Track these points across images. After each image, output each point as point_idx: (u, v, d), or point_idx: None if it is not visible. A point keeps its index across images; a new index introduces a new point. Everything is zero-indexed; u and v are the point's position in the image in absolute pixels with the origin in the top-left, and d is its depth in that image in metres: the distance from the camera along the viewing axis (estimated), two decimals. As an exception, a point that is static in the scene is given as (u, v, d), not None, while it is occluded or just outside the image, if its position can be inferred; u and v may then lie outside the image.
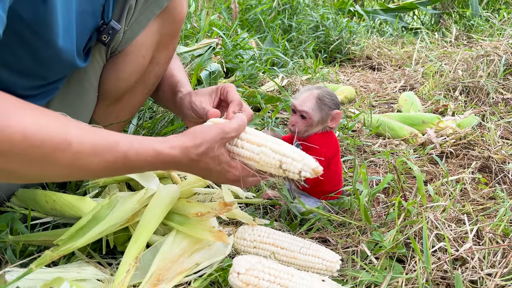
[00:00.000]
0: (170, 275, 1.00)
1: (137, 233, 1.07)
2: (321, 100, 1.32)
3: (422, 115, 2.19)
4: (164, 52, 1.39)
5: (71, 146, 0.81)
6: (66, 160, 0.82)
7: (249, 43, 3.25)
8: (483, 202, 1.49)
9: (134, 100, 1.42)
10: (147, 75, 1.38)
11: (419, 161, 1.83)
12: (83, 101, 1.30)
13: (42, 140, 0.78)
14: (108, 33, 1.20)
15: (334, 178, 1.38)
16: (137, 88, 1.38)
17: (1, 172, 0.82)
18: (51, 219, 1.19)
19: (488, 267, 1.09)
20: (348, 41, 4.03)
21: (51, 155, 0.80)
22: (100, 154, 0.87)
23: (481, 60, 2.80)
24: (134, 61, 1.31)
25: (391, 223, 1.30)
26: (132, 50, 1.30)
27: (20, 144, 0.75)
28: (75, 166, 0.85)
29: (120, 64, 1.31)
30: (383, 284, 1.04)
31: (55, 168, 0.84)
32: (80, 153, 0.83)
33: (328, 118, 1.33)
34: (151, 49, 1.33)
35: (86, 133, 0.86)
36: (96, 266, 1.07)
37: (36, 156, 0.79)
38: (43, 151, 0.78)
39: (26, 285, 0.98)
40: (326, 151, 1.31)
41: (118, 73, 1.32)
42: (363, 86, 3.08)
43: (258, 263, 1.01)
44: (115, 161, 0.90)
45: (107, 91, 1.35)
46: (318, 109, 1.31)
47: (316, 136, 1.34)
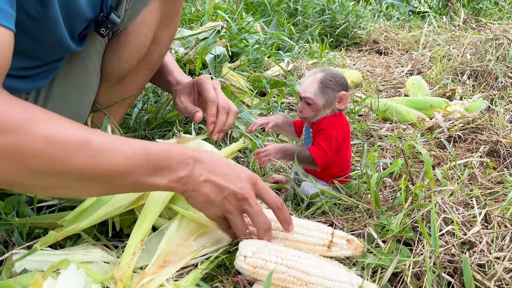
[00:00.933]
0: (176, 257, 1.00)
1: (142, 216, 1.06)
2: (323, 83, 1.28)
3: (430, 99, 2.17)
4: (166, 31, 1.37)
5: (90, 144, 0.83)
6: (85, 159, 0.83)
7: (254, 27, 3.22)
8: (491, 186, 1.48)
9: (137, 81, 1.41)
10: (149, 55, 1.36)
11: (426, 145, 1.81)
12: (86, 82, 1.29)
13: (63, 140, 0.80)
14: (107, 27, 1.19)
15: (344, 162, 1.37)
16: (140, 68, 1.37)
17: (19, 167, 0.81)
18: (57, 201, 1.19)
19: (496, 250, 1.08)
20: (354, 25, 3.98)
21: (67, 159, 0.81)
22: (119, 148, 0.88)
23: (490, 44, 2.76)
24: (136, 40, 1.30)
25: (398, 207, 1.29)
26: (133, 29, 1.28)
27: (43, 147, 0.78)
28: (94, 164, 0.85)
29: (122, 44, 1.30)
30: (389, 267, 1.03)
31: (70, 172, 0.84)
32: (100, 149, 0.84)
33: (334, 100, 1.30)
34: (153, 28, 1.31)
35: (104, 134, 0.90)
36: (102, 248, 1.07)
37: (57, 159, 0.81)
38: (61, 153, 0.81)
39: (33, 266, 0.99)
40: (337, 134, 1.30)
41: (120, 53, 1.31)
42: (369, 71, 3.05)
43: (265, 246, 1.00)
44: (136, 153, 0.89)
45: (109, 71, 1.33)
46: (322, 93, 1.29)
47: (326, 119, 1.32)
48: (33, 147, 0.78)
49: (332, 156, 1.30)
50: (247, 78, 2.45)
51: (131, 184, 0.91)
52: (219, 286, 1.00)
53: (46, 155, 0.79)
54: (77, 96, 1.29)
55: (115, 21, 1.19)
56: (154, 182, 0.92)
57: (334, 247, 1.07)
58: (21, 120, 0.77)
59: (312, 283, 0.96)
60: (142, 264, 1.02)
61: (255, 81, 2.45)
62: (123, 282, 0.93)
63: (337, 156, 1.32)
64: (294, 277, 0.97)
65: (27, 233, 1.10)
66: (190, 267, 1.05)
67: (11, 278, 0.96)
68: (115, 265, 0.99)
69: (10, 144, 0.76)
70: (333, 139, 1.29)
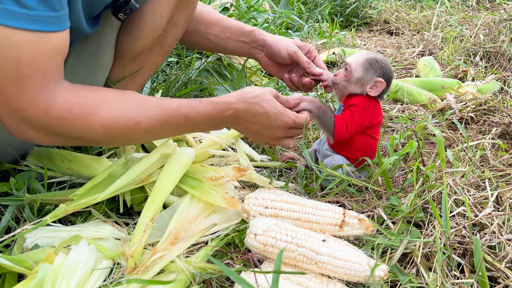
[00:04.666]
0: (187, 234, 1.01)
1: (153, 194, 1.07)
2: (369, 62, 1.29)
3: (442, 80, 2.13)
4: (183, 12, 1.35)
5: (140, 125, 1.01)
6: (139, 135, 1.05)
7: (263, 5, 3.17)
8: (503, 169, 1.46)
9: (151, 61, 1.39)
10: (164, 36, 1.35)
11: (438, 126, 1.79)
12: (100, 59, 1.28)
13: (118, 127, 0.99)
14: (125, 12, 1.19)
15: (365, 147, 1.33)
16: (154, 48, 1.35)
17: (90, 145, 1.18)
18: (68, 178, 1.20)
19: (508, 232, 1.08)
20: (365, 5, 3.91)
21: (126, 136, 1.03)
22: (166, 123, 1.05)
23: (504, 25, 2.70)
24: (151, 20, 1.28)
25: (408, 188, 1.28)
26: (149, 8, 1.26)
27: (104, 133, 0.98)
28: (147, 136, 1.09)
29: (137, 23, 1.28)
30: (399, 248, 1.03)
31: (135, 140, 1.12)
32: (149, 127, 1.02)
33: (369, 82, 1.28)
34: (169, 8, 1.29)
35: (151, 109, 1.03)
36: (113, 225, 1.08)
37: (119, 137, 1.03)
38: (120, 135, 1.01)
39: (44, 242, 1.00)
40: (362, 114, 1.28)
41: (135, 31, 1.29)
42: (380, 51, 3.00)
43: (275, 225, 1.00)
44: (179, 123, 1.07)
45: (123, 50, 1.32)
46: (362, 67, 1.29)
47: (359, 98, 1.30)
48: (96, 136, 0.98)
49: (350, 133, 1.28)
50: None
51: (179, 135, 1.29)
52: (229, 263, 1.00)
53: (107, 138, 1.02)
54: (90, 74, 1.28)
55: (134, 7, 1.19)
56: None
57: (346, 226, 1.07)
58: (81, 113, 0.95)
59: (322, 262, 0.96)
60: (153, 240, 1.03)
61: (264, 61, 2.42)
62: (134, 258, 0.93)
63: (363, 139, 1.32)
64: (304, 256, 0.97)
65: (38, 209, 1.11)
66: (201, 244, 1.06)
67: (22, 253, 0.97)
68: (126, 241, 0.99)
69: (78, 135, 0.97)
70: (357, 116, 1.27)
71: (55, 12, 0.87)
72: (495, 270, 1.01)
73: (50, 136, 0.97)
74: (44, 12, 0.85)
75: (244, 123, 1.17)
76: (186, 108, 1.07)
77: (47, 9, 0.86)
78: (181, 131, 1.13)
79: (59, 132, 0.96)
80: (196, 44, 1.68)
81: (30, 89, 0.89)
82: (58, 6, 0.87)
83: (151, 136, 1.10)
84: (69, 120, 0.94)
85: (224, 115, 1.12)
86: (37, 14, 0.85)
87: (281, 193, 1.17)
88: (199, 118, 1.09)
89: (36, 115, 0.91)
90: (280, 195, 1.15)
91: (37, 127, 0.93)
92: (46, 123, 0.93)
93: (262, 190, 1.17)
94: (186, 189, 1.13)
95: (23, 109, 0.90)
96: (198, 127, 1.14)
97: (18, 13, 0.82)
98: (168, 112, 1.05)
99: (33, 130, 0.94)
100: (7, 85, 0.87)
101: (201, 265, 0.95)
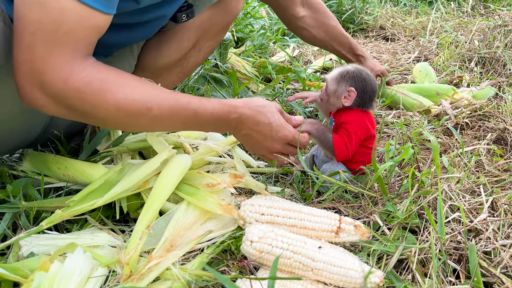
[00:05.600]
0: (183, 241, 1.01)
1: (150, 201, 1.07)
2: (341, 74, 1.33)
3: (437, 86, 2.14)
4: (209, 42, 1.43)
5: (151, 111, 1.02)
6: (146, 122, 1.05)
7: (259, 12, 3.18)
8: (498, 174, 1.47)
9: (168, 80, 1.46)
10: (186, 59, 1.41)
11: (433, 132, 1.80)
12: (121, 66, 1.30)
13: (130, 110, 0.99)
14: (187, 15, 1.24)
15: (363, 158, 1.34)
16: (174, 68, 1.42)
17: (96, 122, 1.14)
18: (64, 184, 1.20)
19: (503, 238, 1.08)
20: (361, 11, 3.93)
21: (135, 120, 1.03)
22: (175, 114, 1.06)
23: (498, 31, 2.72)
24: (179, 41, 1.36)
25: (404, 194, 1.29)
26: (179, 31, 1.34)
27: (114, 113, 0.99)
28: (154, 124, 1.09)
29: (165, 41, 1.36)
30: (395, 254, 1.03)
31: (141, 126, 1.10)
32: (159, 115, 1.04)
33: (343, 93, 1.32)
34: (197, 35, 1.37)
35: (164, 99, 1.05)
36: (109, 232, 1.08)
37: (127, 121, 1.03)
38: (129, 118, 1.01)
39: (40, 250, 1.00)
40: (358, 129, 1.30)
41: (162, 48, 1.36)
42: (376, 57, 3.02)
43: (271, 232, 1.00)
44: (187, 117, 1.08)
45: (145, 63, 1.39)
46: (335, 81, 1.33)
47: (348, 114, 1.33)
48: (106, 114, 0.99)
49: (352, 152, 1.31)
50: (253, 64, 2.44)
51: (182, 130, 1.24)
52: (225, 270, 1.00)
53: (115, 120, 1.02)
54: None
55: (194, 13, 1.24)
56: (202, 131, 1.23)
57: (342, 232, 1.08)
58: (98, 89, 0.95)
59: (318, 268, 0.96)
60: (148, 247, 1.02)
61: (260, 67, 2.43)
62: (130, 265, 0.93)
63: (364, 151, 1.34)
64: (300, 263, 0.97)
65: (34, 217, 1.11)
66: (196, 252, 1.06)
67: (18, 262, 0.97)
68: (121, 249, 0.99)
69: (89, 110, 0.97)
70: (353, 133, 1.30)
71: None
72: (490, 275, 1.01)
73: (60, 106, 0.97)
74: None
75: (246, 130, 1.18)
76: (196, 104, 1.09)
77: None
78: (187, 126, 1.13)
79: (71, 104, 0.96)
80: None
81: (58, 56, 0.91)
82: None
83: (157, 125, 1.10)
84: (85, 94, 0.94)
85: (230, 117, 1.14)
86: None
87: (277, 199, 1.18)
88: (207, 116, 1.11)
89: (55, 81, 0.92)
90: (276, 201, 1.15)
91: (51, 94, 0.94)
92: (62, 92, 0.93)
93: (258, 197, 1.17)
94: (182, 196, 1.14)
95: (44, 73, 0.91)
96: (204, 125, 1.15)
97: None
98: (179, 104, 1.07)
99: (46, 96, 0.94)
100: (39, 45, 0.89)
101: (196, 272, 0.95)
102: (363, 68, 1.36)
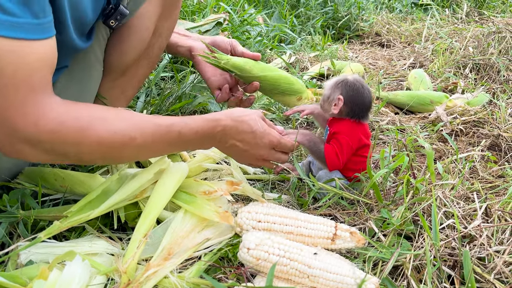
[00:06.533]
0: (181, 249, 1.02)
1: (147, 209, 1.08)
2: (337, 82, 1.35)
3: (430, 94, 2.15)
4: (167, 23, 1.38)
5: (135, 141, 1.01)
6: (131, 151, 1.05)
7: (256, 19, 3.20)
8: (492, 180, 1.48)
9: (139, 73, 1.42)
10: (150, 47, 1.37)
11: (428, 139, 1.82)
12: (90, 75, 1.29)
13: (113, 142, 0.98)
14: (116, 19, 1.20)
15: (357, 166, 1.35)
16: (142, 60, 1.38)
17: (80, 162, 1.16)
18: (61, 195, 1.20)
19: (497, 244, 1.09)
20: (357, 17, 3.96)
21: (119, 152, 1.03)
22: (160, 139, 1.06)
23: (492, 37, 2.74)
24: (138, 34, 1.30)
25: (399, 201, 1.30)
26: (135, 23, 1.29)
27: (97, 149, 0.97)
28: (140, 153, 1.09)
29: (124, 37, 1.30)
30: (390, 261, 1.04)
31: (126, 157, 1.11)
32: (144, 143, 1.03)
33: (333, 101, 1.33)
34: (154, 21, 1.32)
35: (146, 126, 1.04)
36: (107, 240, 1.09)
37: (112, 154, 1.03)
38: (114, 150, 1.00)
39: (38, 258, 1.00)
40: (350, 139, 1.31)
41: (122, 46, 1.31)
42: (372, 63, 3.04)
43: (268, 239, 1.01)
44: (172, 139, 1.08)
45: (112, 64, 1.34)
46: (330, 88, 1.35)
47: (340, 124, 1.34)
48: (89, 150, 0.97)
49: (343, 162, 1.32)
50: (249, 71, 2.44)
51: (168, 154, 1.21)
52: (222, 278, 1.01)
53: (100, 153, 1.00)
54: (81, 89, 1.29)
55: (124, 12, 1.20)
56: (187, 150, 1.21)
57: (338, 239, 1.09)
58: (75, 127, 0.93)
59: (314, 275, 0.97)
60: (146, 256, 1.03)
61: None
62: (128, 274, 0.94)
63: (358, 160, 1.35)
64: (297, 270, 0.98)
65: (31, 225, 1.11)
66: (194, 259, 1.07)
67: (16, 270, 0.97)
68: (119, 257, 1.00)
69: (70, 150, 0.95)
70: (344, 143, 1.31)
71: (37, 20, 0.85)
72: (485, 281, 1.02)
73: (41, 152, 0.93)
74: (27, 19, 0.83)
75: (231, 140, 1.18)
76: (180, 125, 1.08)
77: (30, 16, 0.83)
78: (173, 148, 1.14)
79: (50, 147, 0.93)
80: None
81: (16, 99, 0.86)
82: (40, 14, 0.85)
83: (143, 152, 1.09)
84: (62, 133, 0.91)
85: (214, 132, 1.14)
86: (19, 21, 0.82)
87: (274, 206, 1.19)
88: (192, 135, 1.10)
89: (24, 127, 0.88)
90: (273, 208, 1.16)
91: (27, 141, 0.90)
92: (36, 137, 0.90)
93: (255, 204, 1.18)
94: (179, 204, 1.14)
95: (11, 120, 0.87)
96: (189, 144, 1.15)
97: (1, 20, 0.79)
98: (162, 128, 1.06)
99: (23, 144, 0.91)
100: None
101: (194, 280, 0.96)
102: (361, 80, 1.37)
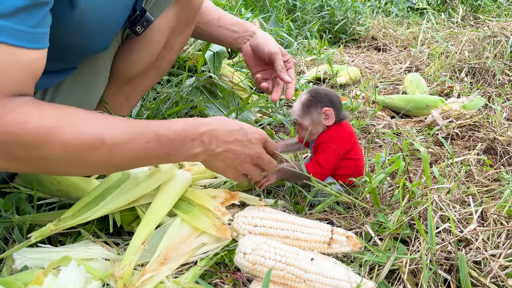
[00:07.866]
0: (177, 254, 1.01)
1: (148, 217, 1.07)
2: (305, 104, 1.32)
3: (426, 99, 2.16)
4: (179, 38, 1.40)
5: (104, 143, 0.90)
6: (101, 157, 0.91)
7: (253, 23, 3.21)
8: (488, 184, 1.49)
9: (145, 83, 1.44)
10: (160, 59, 1.39)
11: (424, 142, 1.82)
12: (96, 80, 1.30)
13: (79, 144, 0.88)
14: (142, 25, 1.21)
15: (355, 169, 1.35)
16: (149, 71, 1.39)
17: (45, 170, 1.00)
18: (57, 199, 1.20)
19: (492, 248, 1.09)
20: (353, 22, 3.98)
21: (87, 157, 0.90)
22: (134, 140, 0.94)
23: (487, 41, 2.76)
24: (149, 45, 1.32)
25: (395, 205, 1.30)
26: (147, 34, 1.30)
27: (62, 151, 0.87)
28: (111, 158, 0.94)
29: (135, 47, 1.32)
30: (386, 265, 1.04)
31: (96, 164, 0.95)
32: (115, 145, 0.91)
33: (320, 117, 1.31)
34: (166, 34, 1.34)
35: (118, 126, 0.94)
36: (102, 245, 1.08)
37: (78, 159, 0.90)
38: (80, 154, 0.89)
39: (33, 263, 1.00)
40: (337, 145, 1.30)
41: (132, 55, 1.33)
42: (368, 67, 3.05)
43: (264, 244, 1.01)
44: (149, 141, 0.96)
45: (119, 72, 1.36)
46: (305, 113, 1.32)
47: (325, 133, 1.33)
48: (52, 154, 0.86)
49: (329, 169, 1.31)
50: (246, 75, 2.45)
51: (149, 164, 1.08)
52: (218, 283, 1.01)
53: (65, 158, 0.88)
54: (85, 94, 1.30)
55: (150, 19, 1.21)
56: (171, 162, 1.05)
57: (334, 243, 1.09)
58: (37, 128, 0.84)
59: (310, 280, 0.97)
60: (143, 261, 1.03)
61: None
62: (124, 279, 0.94)
63: (347, 163, 1.34)
64: (293, 274, 0.98)
65: (27, 230, 1.11)
66: (190, 264, 1.06)
67: (11, 275, 0.96)
68: (115, 262, 1.00)
69: (32, 154, 0.85)
70: (331, 152, 1.30)
71: (25, 27, 0.82)
72: (481, 285, 1.02)
73: (1, 156, 0.85)
74: (15, 25, 0.80)
75: (222, 144, 1.09)
76: (157, 124, 0.99)
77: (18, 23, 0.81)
78: (152, 154, 0.98)
79: (11, 150, 0.84)
80: None
81: None
82: (31, 22, 0.82)
83: (116, 158, 0.94)
84: (22, 136, 0.83)
85: (199, 131, 1.04)
86: (4, 25, 0.79)
87: (270, 211, 1.19)
88: (171, 135, 0.99)
89: None
90: (269, 213, 1.16)
91: None
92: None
93: (252, 208, 1.18)
94: (177, 213, 1.14)
95: None
96: (171, 147, 1.01)
97: None
98: (137, 129, 0.96)
99: None
100: None
101: (190, 285, 0.96)
102: (315, 88, 1.36)
